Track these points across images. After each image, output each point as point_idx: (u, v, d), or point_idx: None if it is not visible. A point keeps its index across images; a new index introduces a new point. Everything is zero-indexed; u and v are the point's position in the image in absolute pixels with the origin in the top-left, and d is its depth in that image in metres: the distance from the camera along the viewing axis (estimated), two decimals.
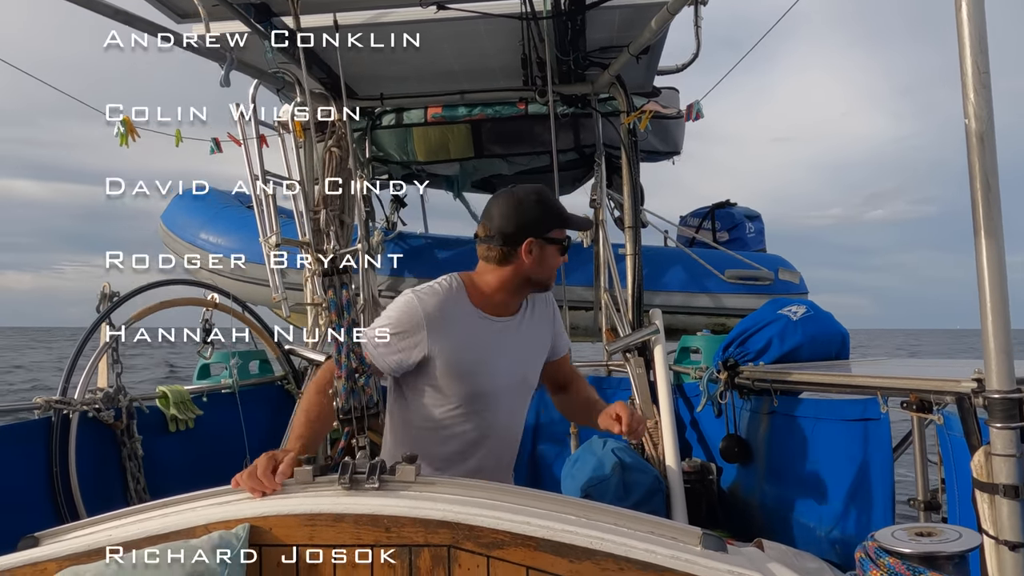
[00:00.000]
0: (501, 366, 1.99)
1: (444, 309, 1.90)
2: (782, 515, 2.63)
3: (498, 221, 1.95)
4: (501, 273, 1.96)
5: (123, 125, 3.50)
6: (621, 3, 2.95)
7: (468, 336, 1.92)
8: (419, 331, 1.86)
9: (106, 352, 2.85)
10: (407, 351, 1.87)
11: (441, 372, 1.90)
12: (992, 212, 1.44)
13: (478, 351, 1.93)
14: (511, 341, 2.02)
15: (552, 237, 1.97)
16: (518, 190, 2.00)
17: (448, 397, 1.94)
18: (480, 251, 2.00)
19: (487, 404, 1.98)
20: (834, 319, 2.98)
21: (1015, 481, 1.46)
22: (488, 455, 2.02)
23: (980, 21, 1.46)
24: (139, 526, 1.44)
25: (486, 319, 1.97)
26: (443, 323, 1.88)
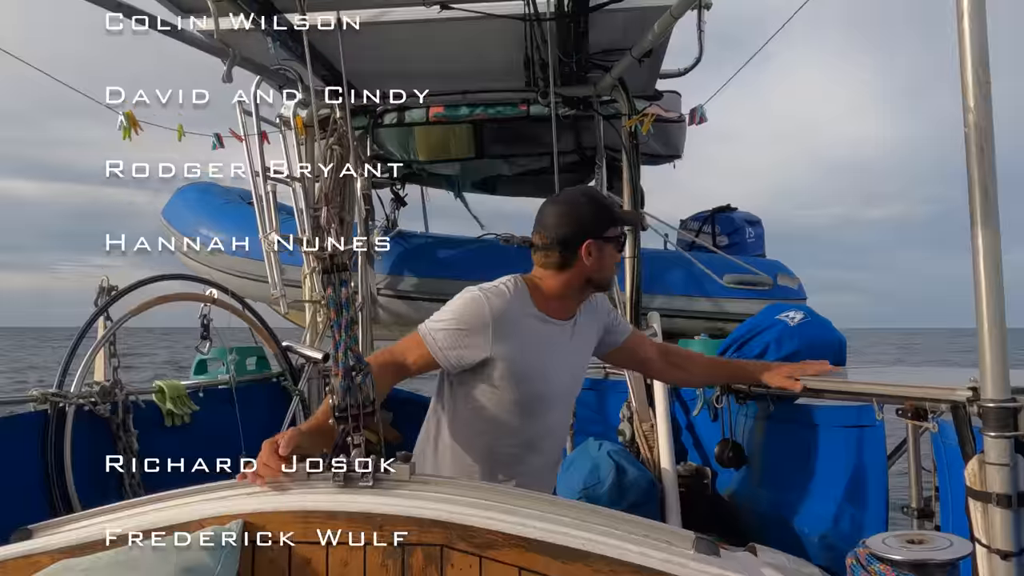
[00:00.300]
0: (559, 369, 2.01)
1: (510, 311, 1.90)
2: (776, 520, 2.63)
3: (554, 228, 1.97)
4: (562, 277, 1.98)
5: (126, 119, 3.52)
6: (624, 6, 2.96)
7: (531, 339, 1.93)
8: (484, 331, 1.86)
9: (103, 346, 2.85)
10: (470, 349, 1.87)
11: (501, 374, 1.90)
12: (990, 223, 1.44)
13: (539, 355, 1.94)
14: (567, 344, 2.04)
15: (608, 236, 1.99)
16: (567, 194, 2.05)
17: (506, 399, 1.93)
18: (538, 259, 2.02)
19: (543, 407, 1.99)
20: (832, 325, 2.98)
21: (1008, 490, 1.46)
22: (539, 456, 2.03)
23: (982, 32, 1.46)
24: (133, 520, 1.44)
25: (548, 322, 1.98)
26: (508, 325, 1.89)
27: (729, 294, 4.87)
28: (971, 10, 1.45)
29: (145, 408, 2.99)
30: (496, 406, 1.94)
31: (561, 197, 2.03)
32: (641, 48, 3.22)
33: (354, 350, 1.73)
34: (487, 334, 1.86)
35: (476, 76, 4.02)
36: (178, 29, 3.04)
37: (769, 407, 2.71)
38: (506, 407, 1.94)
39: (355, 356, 1.73)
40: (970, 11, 1.45)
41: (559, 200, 2.02)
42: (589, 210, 1.98)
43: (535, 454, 2.02)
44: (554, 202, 2.02)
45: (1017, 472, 1.49)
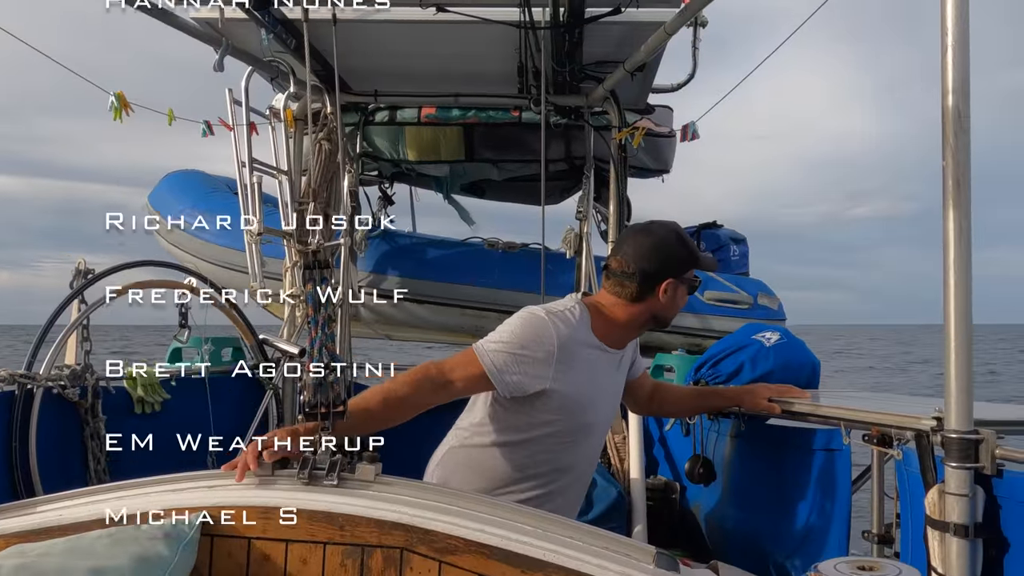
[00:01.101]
0: (606, 399, 2.01)
1: (574, 338, 1.87)
2: (740, 538, 2.65)
3: (638, 260, 1.94)
4: (632, 310, 1.96)
5: (117, 100, 3.49)
6: (619, 20, 2.97)
7: (588, 369, 1.91)
8: (548, 360, 1.82)
9: (76, 329, 2.82)
10: (530, 377, 1.82)
11: (557, 404, 1.87)
12: (963, 257, 1.46)
13: (594, 386, 1.93)
14: (616, 374, 2.04)
15: (687, 278, 1.99)
16: (657, 227, 2.02)
17: (556, 425, 1.91)
18: (610, 286, 1.98)
19: (587, 436, 1.99)
20: (807, 348, 3.01)
21: (966, 521, 1.48)
22: (572, 485, 2.02)
23: (964, 66, 1.49)
24: (91, 508, 1.42)
25: (605, 353, 1.97)
26: (571, 354, 1.85)
27: (709, 311, 4.89)
28: (955, 43, 1.48)
29: (115, 394, 2.96)
30: (542, 431, 1.91)
31: (650, 228, 1.99)
32: (634, 62, 3.23)
33: (329, 348, 1.73)
34: (551, 363, 1.82)
35: (469, 80, 4.02)
36: (173, 16, 3.02)
37: (740, 425, 2.73)
38: (552, 434, 1.92)
39: (330, 353, 1.73)
40: (954, 44, 1.48)
41: (649, 231, 1.98)
42: (677, 249, 1.97)
43: (566, 484, 2.00)
44: (644, 232, 1.99)
45: (976, 503, 1.51)
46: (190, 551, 1.31)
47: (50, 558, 1.22)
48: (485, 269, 4.85)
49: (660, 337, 4.82)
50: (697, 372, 3.01)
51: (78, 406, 2.77)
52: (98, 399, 2.83)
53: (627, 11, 2.92)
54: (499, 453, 1.94)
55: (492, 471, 1.94)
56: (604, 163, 4.34)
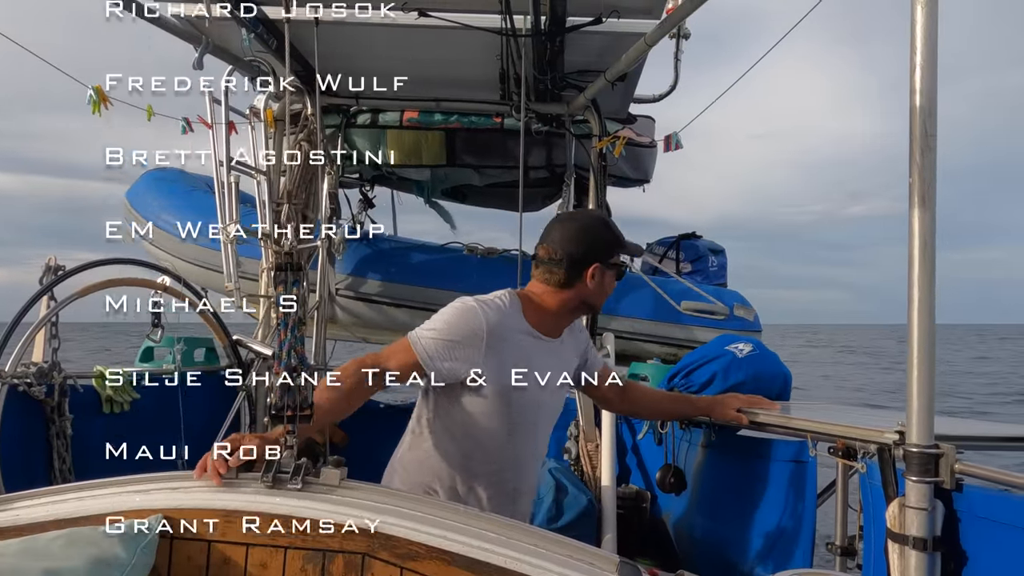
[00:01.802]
0: (545, 388, 2.00)
1: (503, 324, 1.89)
2: (708, 548, 2.66)
3: (564, 245, 1.97)
4: (561, 296, 1.99)
5: (95, 93, 3.45)
6: (600, 29, 2.99)
7: (520, 355, 1.92)
8: (478, 344, 1.85)
9: (44, 326, 2.78)
10: (461, 361, 1.85)
11: (490, 389, 1.89)
12: (926, 274, 1.48)
13: (528, 372, 1.93)
14: (555, 363, 2.04)
15: (614, 263, 2.01)
16: (583, 214, 2.08)
17: (494, 415, 1.92)
18: (539, 273, 2.01)
19: (529, 424, 1.99)
20: (779, 360, 3.03)
21: (925, 534, 1.50)
22: (522, 476, 2.03)
23: (932, 86, 1.51)
24: (50, 508, 1.41)
25: (538, 339, 1.98)
26: (500, 339, 1.88)
27: (685, 321, 4.92)
28: (923, 61, 1.50)
29: (83, 392, 2.92)
30: (481, 421, 1.92)
31: (576, 215, 2.07)
32: (615, 71, 3.25)
33: (298, 350, 1.72)
34: (480, 348, 1.85)
35: (451, 85, 4.02)
36: (154, 13, 3.00)
37: (712, 436, 2.74)
38: (491, 423, 1.93)
39: (299, 356, 1.72)
40: (922, 63, 1.50)
41: (574, 218, 2.04)
42: (602, 234, 2.00)
43: (512, 474, 2.01)
44: (569, 219, 2.03)
45: (935, 517, 1.52)
46: (148, 553, 1.30)
47: (3, 559, 1.20)
48: (463, 274, 4.85)
49: (637, 346, 4.85)
50: (670, 382, 3.02)
51: (44, 404, 2.73)
52: (65, 397, 2.79)
53: (608, 21, 2.94)
54: (445, 450, 1.96)
55: (440, 468, 1.96)
56: (585, 171, 4.36)
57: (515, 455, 1.99)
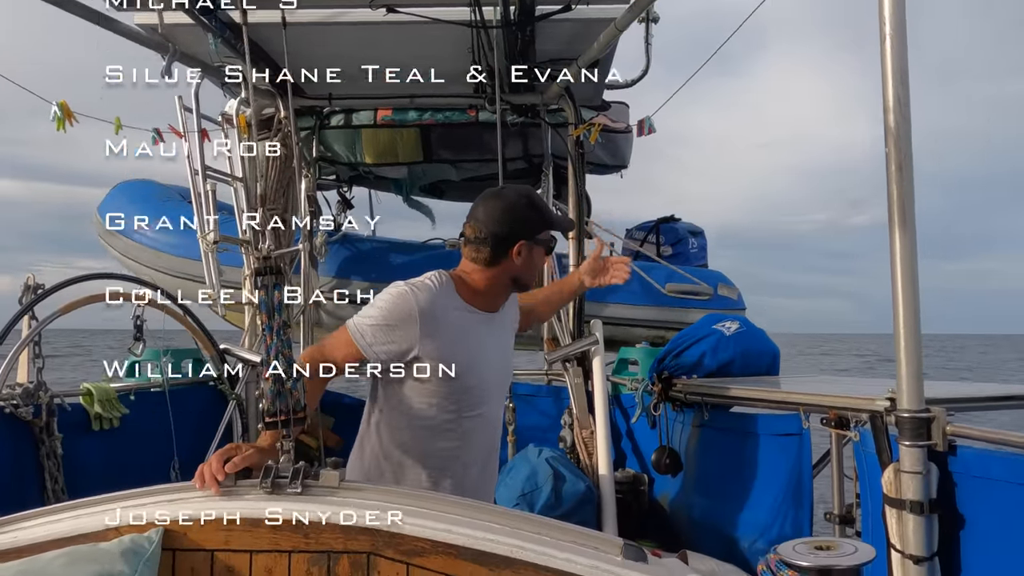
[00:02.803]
0: (489, 361, 2.00)
1: (436, 303, 1.90)
2: (709, 526, 2.68)
3: (488, 224, 1.96)
4: (488, 273, 1.98)
5: (60, 109, 3.40)
6: (570, 17, 2.98)
7: (459, 331, 1.93)
8: (412, 325, 1.85)
9: (27, 346, 2.74)
10: (398, 343, 1.86)
11: (431, 368, 1.89)
12: (908, 241, 1.50)
13: (468, 347, 1.94)
14: (496, 336, 2.05)
15: (541, 239, 2.00)
16: (507, 192, 2.06)
17: (439, 393, 1.92)
18: (467, 252, 2.01)
19: (476, 401, 1.98)
20: (766, 336, 3.06)
21: (921, 498, 1.52)
22: (474, 453, 2.02)
23: (902, 55, 1.53)
24: (48, 528, 1.39)
25: (475, 313, 1.98)
26: (435, 318, 1.88)
27: (670, 303, 4.95)
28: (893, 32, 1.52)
29: (71, 411, 2.88)
30: (428, 403, 1.93)
31: (500, 193, 2.03)
32: (587, 58, 3.25)
33: (286, 355, 1.71)
34: (414, 328, 1.86)
35: (424, 81, 4.00)
36: (116, 22, 2.96)
37: (704, 414, 2.76)
38: (438, 403, 1.93)
39: (287, 360, 1.71)
40: (892, 33, 1.51)
41: (498, 196, 2.02)
42: (526, 212, 1.99)
43: (470, 451, 2.01)
44: (493, 197, 2.02)
45: (930, 480, 1.55)
46: (151, 567, 1.28)
47: None
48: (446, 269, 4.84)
49: (625, 331, 4.87)
50: (660, 364, 3.04)
51: (32, 425, 2.69)
52: (53, 417, 2.75)
53: (577, 8, 2.94)
54: (400, 439, 1.97)
55: (399, 458, 1.97)
56: (562, 160, 4.36)
57: (470, 430, 1.99)
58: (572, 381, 3.49)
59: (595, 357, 3.38)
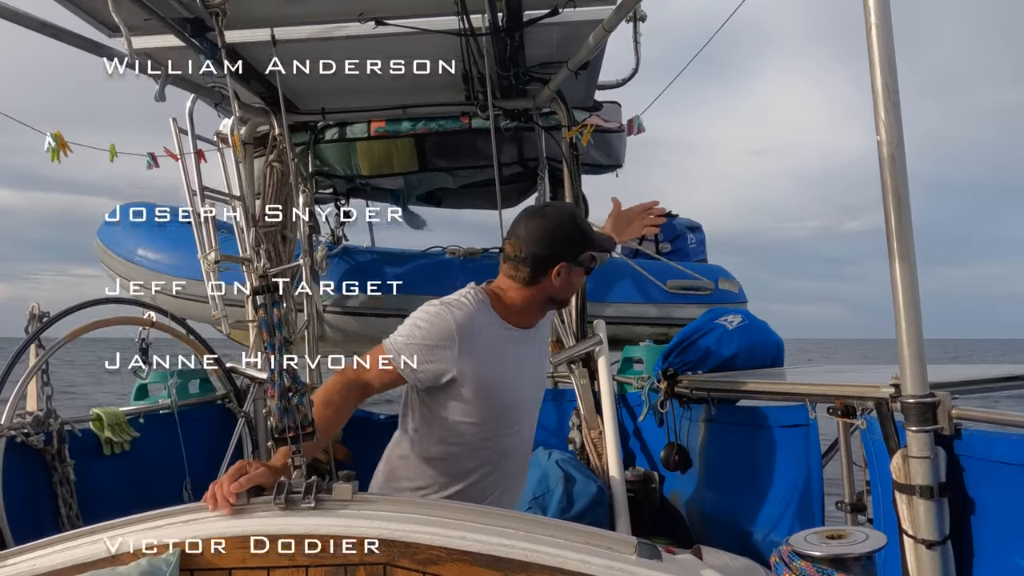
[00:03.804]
0: (525, 378, 2.01)
1: (475, 323, 1.89)
2: (721, 521, 2.69)
3: (529, 243, 1.95)
4: (526, 293, 1.98)
5: (54, 140, 3.42)
6: (558, 20, 2.99)
7: (496, 350, 1.93)
8: (451, 345, 1.85)
9: (35, 374, 2.76)
10: (438, 363, 1.85)
11: (470, 387, 1.89)
12: (903, 226, 1.51)
13: (505, 365, 1.94)
14: (531, 353, 2.05)
15: (581, 260, 2.00)
16: (550, 211, 2.04)
17: (477, 411, 1.92)
18: (506, 269, 2.00)
19: (513, 417, 1.99)
20: (769, 328, 3.07)
21: (930, 482, 1.53)
22: (511, 468, 2.03)
23: (889, 43, 1.54)
24: (65, 555, 1.40)
25: (510, 330, 1.98)
26: (472, 336, 1.87)
27: (672, 299, 4.96)
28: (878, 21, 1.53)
29: (82, 437, 2.89)
30: (467, 420, 1.93)
31: (543, 212, 2.02)
32: (577, 61, 3.26)
33: (290, 371, 1.72)
34: (454, 348, 1.85)
35: (416, 91, 4.02)
36: (107, 48, 2.97)
37: (711, 409, 2.77)
38: (476, 421, 1.93)
39: (291, 376, 1.72)
40: (877, 22, 1.53)
41: (541, 215, 2.00)
42: (568, 232, 1.97)
43: (505, 468, 2.01)
44: (536, 216, 2.00)
45: (938, 464, 1.56)
46: None
47: None
48: (448, 277, 4.85)
49: (628, 330, 4.88)
50: (665, 361, 3.05)
51: (44, 452, 2.71)
52: (64, 444, 2.77)
53: (565, 11, 2.95)
54: (432, 453, 1.96)
55: (428, 471, 1.97)
56: (557, 163, 4.37)
57: (503, 449, 1.99)
58: (578, 382, 3.50)
59: (600, 357, 3.39)
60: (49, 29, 2.55)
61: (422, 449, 1.97)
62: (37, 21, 2.52)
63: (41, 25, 2.53)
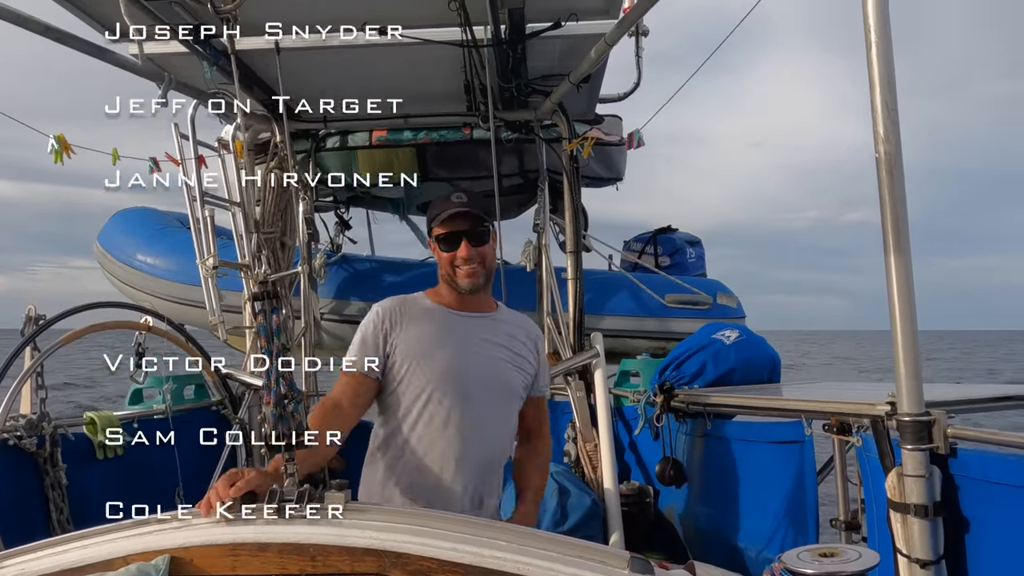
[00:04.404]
0: (467, 353, 2.01)
1: (399, 306, 2.03)
2: (715, 536, 2.68)
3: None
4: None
5: (57, 142, 3.42)
6: (560, 34, 3.01)
7: (426, 322, 2.01)
8: (380, 332, 1.97)
9: (30, 377, 2.75)
10: (375, 349, 1.96)
11: (401, 356, 1.96)
12: (900, 241, 1.52)
13: (434, 335, 1.99)
14: (479, 334, 2.05)
15: (435, 234, 2.03)
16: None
17: (412, 383, 1.96)
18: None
19: (459, 393, 1.96)
20: (766, 343, 3.07)
21: (925, 501, 1.53)
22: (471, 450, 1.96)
23: (889, 62, 1.55)
24: (54, 559, 1.39)
25: (446, 310, 2.05)
26: (402, 315, 2.00)
27: (670, 313, 4.96)
28: (878, 39, 1.54)
29: (75, 440, 2.88)
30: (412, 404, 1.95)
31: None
32: (578, 74, 3.28)
33: (286, 378, 1.72)
34: (381, 334, 1.97)
35: (418, 101, 4.03)
36: (111, 53, 2.99)
37: (707, 424, 2.77)
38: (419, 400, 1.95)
39: (287, 384, 1.71)
40: (877, 41, 1.54)
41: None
42: (432, 207, 2.05)
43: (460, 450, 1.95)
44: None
45: (933, 483, 1.55)
46: None
47: None
48: None
49: (625, 343, 4.87)
50: (661, 375, 3.05)
51: (36, 456, 2.70)
52: (57, 447, 2.76)
53: (567, 25, 2.96)
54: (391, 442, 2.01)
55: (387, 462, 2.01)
56: (558, 175, 4.38)
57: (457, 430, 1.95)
58: (574, 395, 3.49)
59: (596, 370, 3.38)
60: (53, 33, 2.56)
61: (384, 449, 2.02)
62: (41, 25, 2.53)
63: (45, 29, 2.54)
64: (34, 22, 2.51)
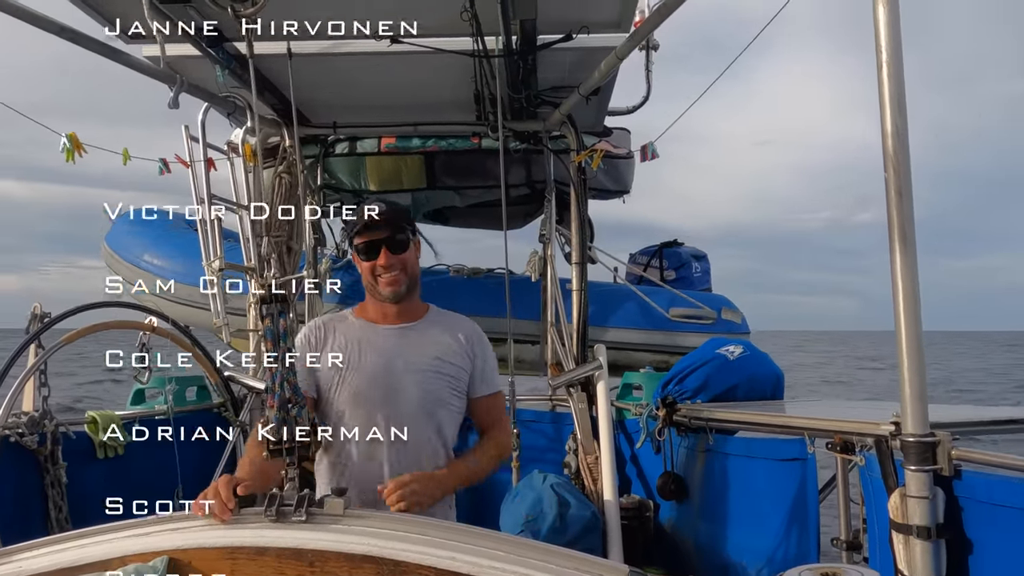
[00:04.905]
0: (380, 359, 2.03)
1: (321, 327, 2.08)
2: (715, 552, 2.66)
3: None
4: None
5: (69, 141, 3.44)
6: (571, 46, 3.02)
7: (344, 339, 2.04)
8: (305, 349, 2.00)
9: (33, 374, 2.75)
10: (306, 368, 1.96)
11: (323, 370, 2.00)
12: (909, 263, 1.51)
13: (359, 348, 2.02)
14: (399, 343, 2.06)
15: (355, 244, 2.05)
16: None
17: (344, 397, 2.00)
18: None
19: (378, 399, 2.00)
20: (770, 359, 3.06)
21: (928, 523, 1.52)
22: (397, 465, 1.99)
23: (900, 83, 1.55)
24: (52, 558, 1.39)
25: (368, 324, 2.08)
26: (327, 334, 2.06)
27: (675, 327, 4.94)
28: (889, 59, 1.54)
29: (76, 439, 2.88)
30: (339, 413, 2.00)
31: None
32: (588, 86, 3.29)
33: (291, 382, 1.72)
34: (306, 349, 2.01)
35: (427, 109, 4.05)
36: (124, 55, 3.01)
37: (709, 440, 2.75)
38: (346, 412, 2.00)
39: (291, 388, 1.71)
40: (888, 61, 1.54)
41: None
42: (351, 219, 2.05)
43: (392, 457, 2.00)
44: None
45: (936, 505, 1.54)
46: None
47: None
48: (451, 295, 4.85)
49: (628, 356, 4.86)
50: (664, 389, 3.04)
51: (37, 453, 2.70)
52: (58, 445, 2.76)
53: (578, 37, 2.98)
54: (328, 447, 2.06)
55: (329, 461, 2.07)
56: (565, 186, 4.38)
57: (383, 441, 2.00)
58: (576, 406, 3.48)
59: (599, 382, 3.38)
60: (68, 33, 2.57)
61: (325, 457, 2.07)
62: (56, 25, 2.55)
63: (60, 29, 2.55)
64: (50, 23, 2.52)
